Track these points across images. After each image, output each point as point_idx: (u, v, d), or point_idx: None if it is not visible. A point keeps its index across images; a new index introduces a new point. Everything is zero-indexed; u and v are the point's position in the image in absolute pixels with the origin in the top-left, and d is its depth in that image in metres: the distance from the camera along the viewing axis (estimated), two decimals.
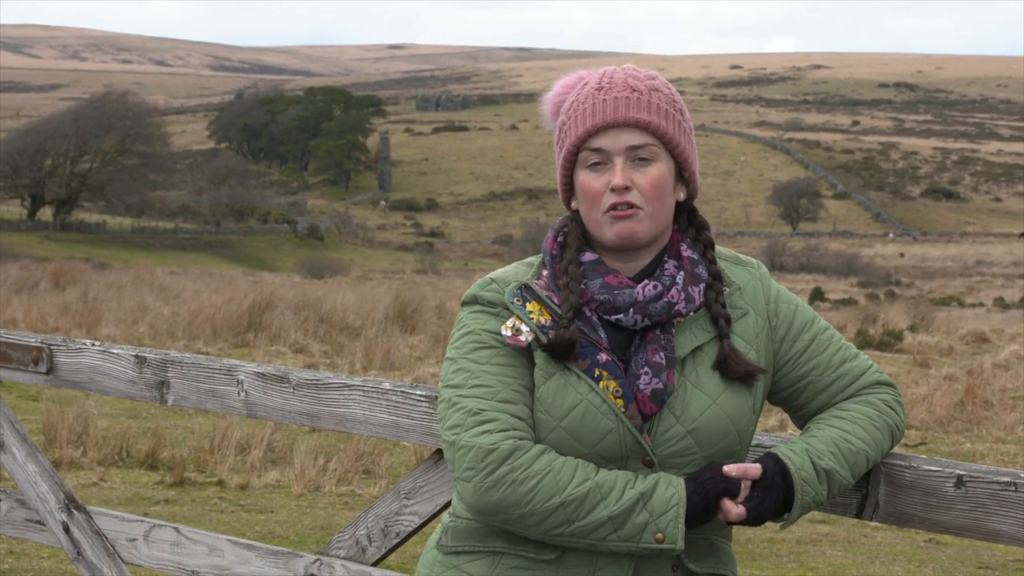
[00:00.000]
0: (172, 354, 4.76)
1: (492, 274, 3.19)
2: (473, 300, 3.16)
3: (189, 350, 19.72)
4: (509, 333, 3.09)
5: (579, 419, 3.04)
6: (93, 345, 4.94)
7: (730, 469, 3.04)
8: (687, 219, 3.22)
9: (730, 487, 3.03)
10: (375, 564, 4.33)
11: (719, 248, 3.25)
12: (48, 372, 4.97)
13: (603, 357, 3.07)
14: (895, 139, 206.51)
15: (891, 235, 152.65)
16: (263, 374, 4.52)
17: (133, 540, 4.83)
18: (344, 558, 4.36)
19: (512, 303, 3.10)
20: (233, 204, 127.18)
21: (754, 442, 3.42)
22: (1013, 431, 15.23)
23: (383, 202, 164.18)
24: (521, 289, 3.12)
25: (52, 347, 4.98)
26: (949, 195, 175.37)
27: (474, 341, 3.12)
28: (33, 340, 5.03)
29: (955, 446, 14.23)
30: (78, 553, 4.93)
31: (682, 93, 3.20)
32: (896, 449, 3.33)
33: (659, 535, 2.99)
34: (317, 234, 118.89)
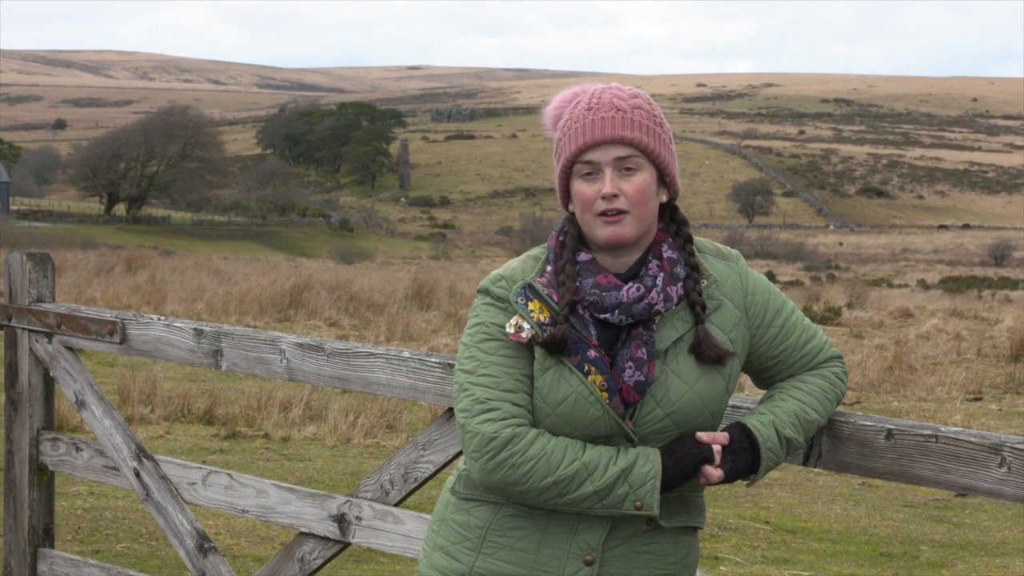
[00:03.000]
0: (225, 327, 4.75)
1: (502, 270, 3.18)
2: (486, 292, 3.16)
3: (240, 324, 19.72)
4: (512, 330, 3.08)
5: (570, 408, 3.05)
6: (159, 320, 4.93)
7: (702, 436, 3.07)
8: (669, 217, 3.22)
9: (707, 455, 3.07)
10: (396, 504, 4.33)
11: (704, 242, 3.25)
12: (121, 342, 4.97)
13: (592, 354, 3.07)
14: (835, 146, 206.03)
15: (831, 227, 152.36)
16: (302, 344, 4.51)
17: (193, 484, 4.83)
18: (370, 499, 4.36)
19: (516, 302, 3.10)
20: (276, 201, 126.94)
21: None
22: (933, 391, 15.23)
23: (403, 199, 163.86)
24: (525, 289, 3.11)
25: (125, 321, 4.97)
26: (880, 193, 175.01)
27: (484, 332, 3.12)
28: (109, 315, 5.02)
29: (885, 404, 14.23)
30: (147, 494, 4.93)
31: None
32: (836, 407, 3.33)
33: (638, 504, 3.02)
34: (347, 226, 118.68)
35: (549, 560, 3.10)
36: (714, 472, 3.07)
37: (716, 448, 3.07)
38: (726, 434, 3.10)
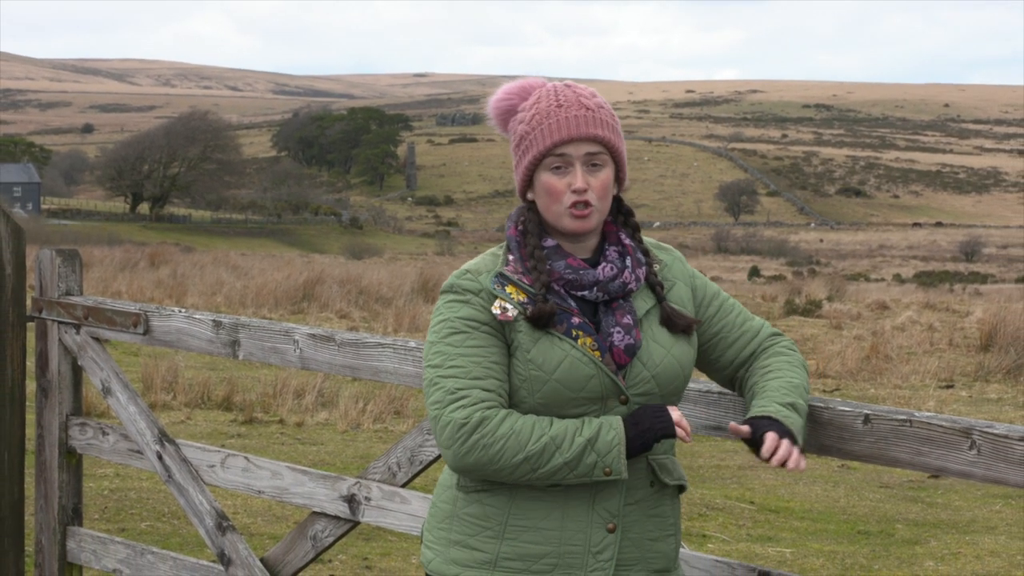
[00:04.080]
0: (242, 319, 4.75)
1: (466, 265, 3.17)
2: (451, 288, 3.14)
3: (256, 316, 19.72)
4: (499, 312, 3.07)
5: (567, 371, 3.05)
6: (180, 312, 4.92)
7: (675, 415, 3.08)
8: (616, 207, 3.25)
9: (669, 429, 3.06)
10: (403, 485, 4.33)
11: (645, 237, 3.29)
12: (145, 333, 4.96)
13: (576, 320, 3.09)
14: (815, 149, 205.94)
15: (812, 225, 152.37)
16: (314, 335, 4.51)
17: (212, 466, 4.83)
18: (379, 481, 4.36)
19: (494, 288, 3.09)
20: (291, 200, 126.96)
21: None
22: (908, 379, 15.22)
23: (410, 198, 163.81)
24: (497, 276, 3.11)
25: (148, 313, 4.97)
26: (858, 193, 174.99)
27: (449, 327, 3.10)
28: (133, 308, 5.02)
29: (862, 391, 14.23)
30: (169, 476, 4.93)
31: (647, 112, 3.18)
32: (815, 394, 3.34)
33: (607, 470, 3.02)
34: (357, 224, 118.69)
35: (574, 533, 3.08)
36: (681, 430, 3.05)
37: (675, 417, 3.07)
38: (748, 428, 3.09)
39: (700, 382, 3.63)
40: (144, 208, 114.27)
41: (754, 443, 3.09)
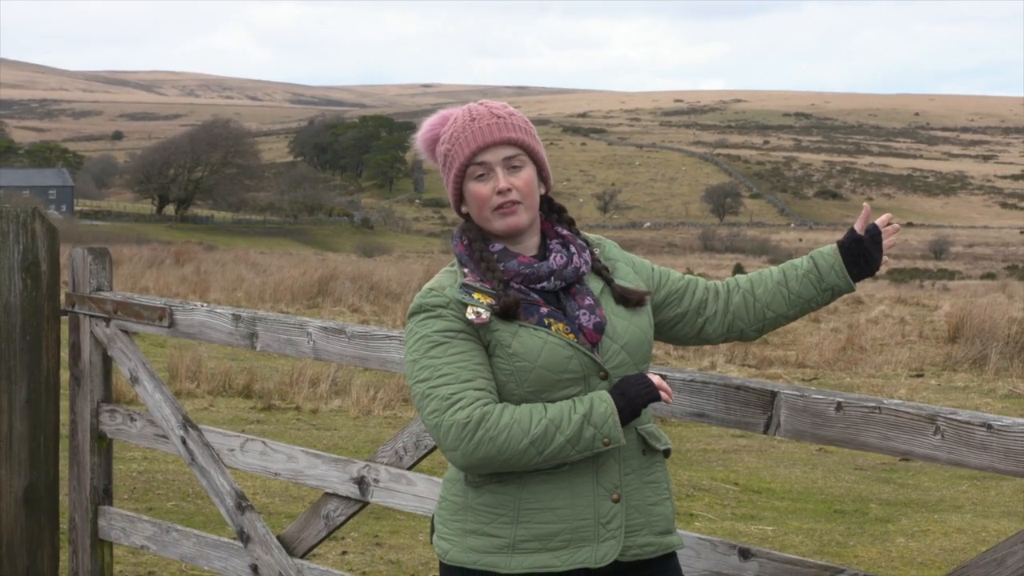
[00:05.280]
0: (259, 313, 4.75)
1: (428, 285, 3.18)
2: (420, 309, 3.13)
3: (273, 310, 19.72)
4: (474, 316, 3.06)
5: (548, 357, 3.06)
6: (202, 306, 4.93)
7: (655, 379, 3.12)
8: (547, 206, 3.28)
9: (654, 394, 3.09)
10: (409, 468, 4.33)
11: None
12: (170, 326, 4.97)
13: (544, 310, 3.11)
14: (795, 154, 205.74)
15: (792, 225, 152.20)
16: (326, 328, 4.51)
17: (232, 450, 4.84)
18: (386, 464, 4.37)
19: (462, 297, 3.09)
20: (306, 202, 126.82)
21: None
22: (881, 369, 15.22)
23: (417, 200, 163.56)
24: (462, 287, 3.11)
25: (173, 308, 4.98)
26: (834, 196, 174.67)
27: (428, 342, 3.08)
28: (159, 302, 5.02)
29: (838, 380, 14.22)
30: (192, 459, 4.93)
31: (638, 120, 3.17)
32: (791, 382, 3.34)
33: (605, 440, 3.03)
34: (368, 224, 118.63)
35: (584, 508, 3.08)
36: (669, 399, 3.11)
37: (656, 382, 3.09)
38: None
39: (685, 372, 3.64)
40: (170, 209, 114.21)
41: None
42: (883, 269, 3.30)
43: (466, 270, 3.16)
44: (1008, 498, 8.85)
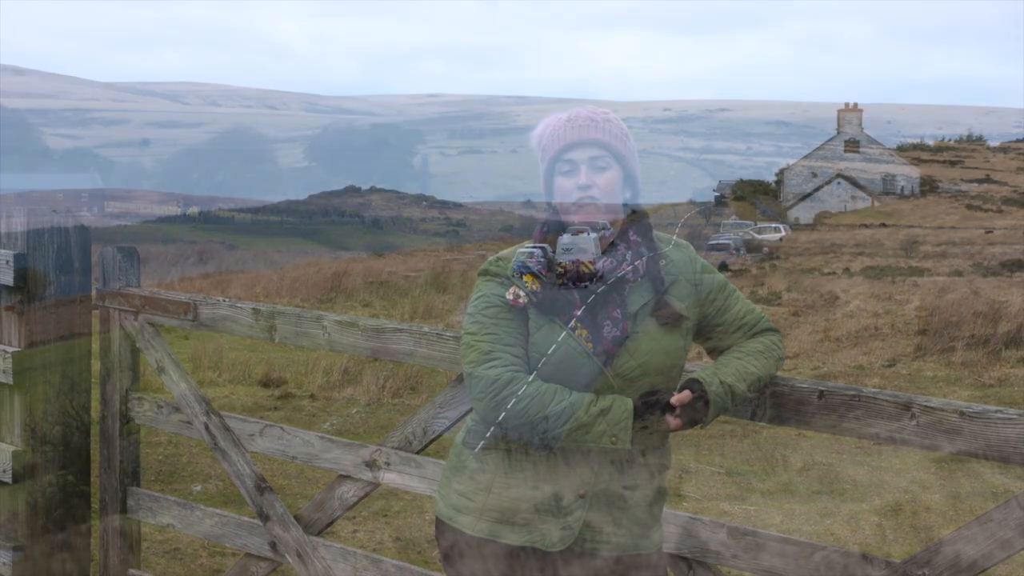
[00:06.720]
0: (278, 307, 4.74)
1: (500, 253, 3.20)
2: (486, 272, 3.18)
3: (290, 305, 19.71)
4: (511, 297, 3.08)
5: (562, 357, 3.04)
6: (224, 301, 4.91)
7: (672, 398, 3.05)
8: (631, 213, 3.23)
9: (667, 408, 3.05)
10: (418, 452, 4.32)
11: (662, 235, 3.26)
12: (194, 320, 4.96)
13: (577, 312, 3.07)
14: (776, 159, 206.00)
15: (774, 226, 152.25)
16: (340, 321, 4.50)
17: (252, 435, 4.82)
18: (396, 448, 4.35)
19: (513, 276, 3.10)
20: (321, 204, 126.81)
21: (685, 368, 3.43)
22: (855, 360, 15.22)
23: (424, 203, 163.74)
24: (519, 266, 3.11)
25: (196, 302, 4.96)
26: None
27: (486, 302, 3.12)
28: (184, 297, 5.01)
29: (816, 370, 14.22)
30: (214, 444, 4.92)
31: (630, 127, 3.19)
32: (776, 372, 3.32)
33: (613, 439, 3.01)
34: (379, 225, 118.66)
35: (549, 498, 3.09)
36: (673, 421, 3.07)
37: (675, 402, 3.05)
38: (688, 392, 3.07)
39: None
40: (194, 211, 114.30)
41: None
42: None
43: (536, 252, 3.15)
44: (979, 483, 8.84)
